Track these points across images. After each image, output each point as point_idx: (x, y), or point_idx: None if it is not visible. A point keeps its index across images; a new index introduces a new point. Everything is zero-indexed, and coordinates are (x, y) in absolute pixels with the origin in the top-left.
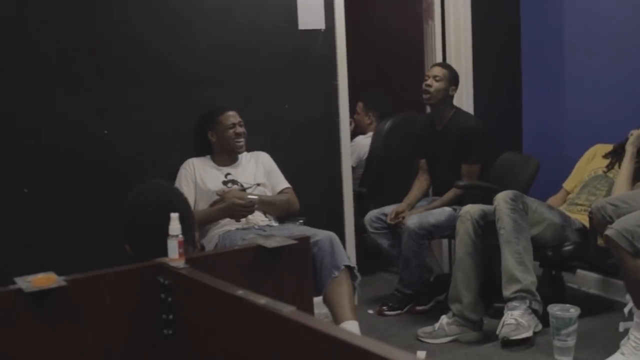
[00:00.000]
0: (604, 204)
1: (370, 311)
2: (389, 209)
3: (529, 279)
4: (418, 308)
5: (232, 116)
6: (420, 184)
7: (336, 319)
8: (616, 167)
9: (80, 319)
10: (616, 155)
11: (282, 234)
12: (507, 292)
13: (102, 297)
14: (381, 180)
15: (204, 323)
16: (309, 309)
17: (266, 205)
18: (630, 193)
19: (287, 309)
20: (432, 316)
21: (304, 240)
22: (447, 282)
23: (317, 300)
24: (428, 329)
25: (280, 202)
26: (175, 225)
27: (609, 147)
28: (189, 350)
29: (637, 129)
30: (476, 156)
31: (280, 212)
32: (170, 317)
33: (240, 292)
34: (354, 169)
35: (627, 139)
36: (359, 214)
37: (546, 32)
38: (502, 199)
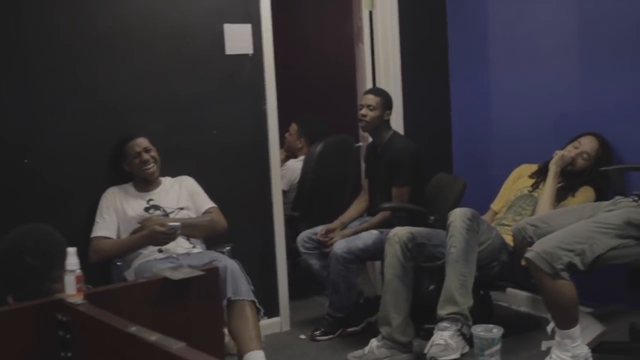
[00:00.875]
0: (524, 225)
1: (303, 336)
2: (321, 229)
3: (466, 304)
4: (349, 330)
5: (137, 144)
6: (359, 203)
7: (241, 350)
8: (541, 186)
9: None
10: (541, 175)
11: (193, 264)
12: (442, 311)
13: None
14: (313, 203)
15: None
16: (219, 339)
17: (189, 229)
18: (550, 213)
19: (177, 346)
20: (363, 338)
21: (213, 271)
22: (379, 304)
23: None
24: (358, 353)
25: (203, 223)
26: (72, 260)
27: (534, 167)
28: None
29: (561, 149)
30: (403, 179)
31: (205, 233)
32: (69, 354)
33: (132, 329)
34: (285, 193)
35: (551, 159)
36: (292, 238)
37: (473, 53)
38: (460, 216)
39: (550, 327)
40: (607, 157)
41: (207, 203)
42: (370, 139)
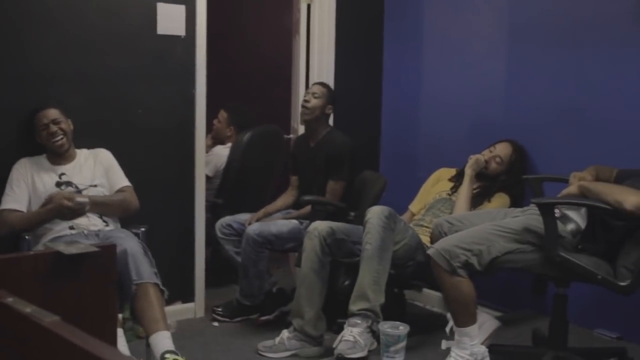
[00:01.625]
0: (441, 222)
1: (216, 323)
2: (243, 217)
3: (378, 300)
4: (262, 318)
5: (45, 116)
6: (286, 197)
7: (147, 332)
8: (459, 190)
9: None
10: (459, 179)
11: (90, 241)
12: (353, 307)
13: None
14: (237, 191)
15: None
16: (111, 320)
17: (100, 207)
18: (467, 214)
19: (50, 319)
20: (275, 328)
21: (109, 249)
22: (294, 295)
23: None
24: (268, 342)
25: (114, 202)
26: None
27: (453, 171)
28: None
29: (477, 154)
30: (342, 174)
31: (116, 212)
32: None
33: (9, 300)
34: (210, 179)
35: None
36: (213, 224)
37: (407, 54)
38: (377, 214)
39: (449, 327)
40: (520, 164)
41: (121, 181)
42: (299, 133)
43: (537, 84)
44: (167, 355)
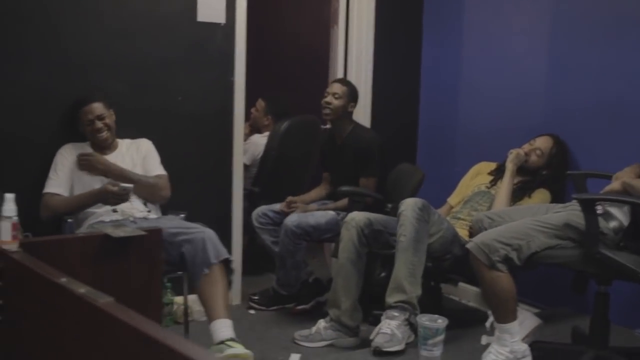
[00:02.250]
0: (482, 217)
1: (252, 311)
2: (278, 206)
3: (415, 292)
4: (298, 308)
5: (90, 111)
6: (320, 190)
7: (209, 317)
8: (498, 183)
9: None
10: (499, 173)
11: (142, 226)
12: (390, 299)
13: None
14: (274, 180)
15: (31, 310)
16: (156, 299)
17: (127, 180)
18: (507, 209)
19: (104, 300)
20: (311, 317)
21: (155, 233)
22: (330, 285)
23: None
24: (305, 332)
25: (145, 181)
26: (9, 207)
27: (493, 165)
28: (19, 337)
29: (517, 148)
30: (372, 170)
31: (146, 193)
32: (0, 302)
33: (63, 280)
34: (247, 167)
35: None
36: (250, 213)
37: (446, 48)
38: (410, 206)
39: (489, 322)
40: (561, 158)
41: (157, 169)
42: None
43: (579, 78)
44: (228, 343)
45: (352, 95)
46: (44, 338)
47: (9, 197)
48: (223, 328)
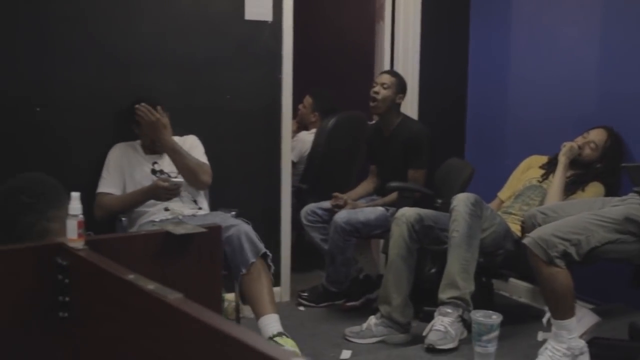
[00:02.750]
0: (535, 213)
1: (302, 308)
2: (327, 204)
3: (468, 288)
4: (348, 304)
5: None
6: (367, 184)
7: (256, 315)
8: (550, 177)
9: None
10: (551, 167)
11: (195, 222)
12: (443, 295)
13: None
14: (322, 177)
15: (98, 307)
16: (217, 297)
17: (177, 155)
18: (561, 203)
19: (173, 296)
20: (361, 314)
21: (215, 230)
22: (379, 282)
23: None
24: (355, 328)
25: (191, 160)
26: (75, 205)
27: (544, 159)
28: (84, 334)
29: (570, 142)
30: (422, 162)
31: (188, 171)
32: (67, 299)
33: (131, 277)
34: (295, 164)
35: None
36: (298, 209)
37: (493, 40)
38: (463, 201)
39: (546, 318)
40: (615, 151)
41: (201, 158)
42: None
43: (633, 66)
44: (276, 338)
45: (400, 86)
46: (110, 334)
47: (75, 195)
48: (272, 323)
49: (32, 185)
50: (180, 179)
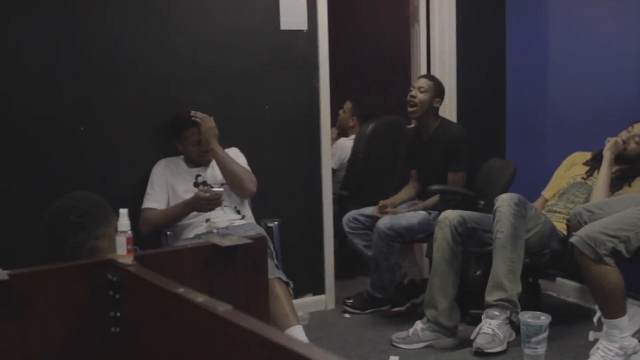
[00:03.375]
0: (580, 210)
1: (347, 315)
2: (368, 210)
3: (515, 289)
4: (394, 310)
5: (197, 133)
6: (408, 189)
7: (279, 328)
8: (595, 174)
9: (24, 314)
10: (595, 163)
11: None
12: (490, 297)
13: (47, 292)
14: (362, 183)
15: (148, 321)
16: (264, 308)
17: (224, 161)
18: (606, 200)
19: (223, 308)
20: (407, 319)
21: (261, 240)
22: (424, 286)
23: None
24: (402, 334)
25: (239, 166)
26: (124, 221)
27: (587, 155)
28: (135, 348)
29: (614, 137)
30: (461, 164)
31: (236, 177)
32: (118, 314)
33: (180, 290)
34: (335, 171)
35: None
36: (340, 216)
37: (531, 37)
38: (506, 201)
39: (596, 317)
40: None
41: (245, 167)
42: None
43: None
44: None
45: (438, 90)
46: (162, 348)
47: (123, 212)
48: (295, 336)
49: (79, 205)
50: (221, 189)
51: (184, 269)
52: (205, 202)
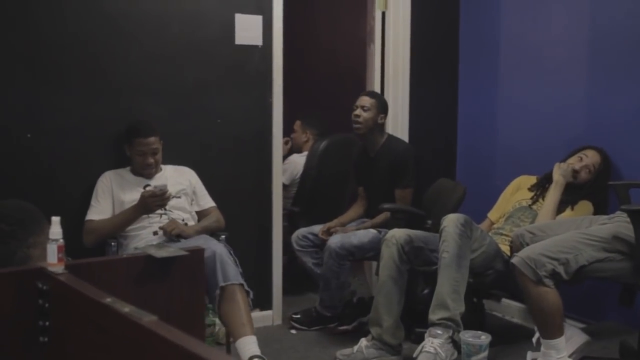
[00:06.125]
0: (523, 232)
1: (293, 331)
2: (317, 228)
3: (458, 309)
4: (340, 328)
5: (146, 144)
6: (357, 208)
7: (233, 336)
8: (540, 200)
9: None
10: (539, 188)
11: (177, 245)
12: (433, 316)
13: None
14: (314, 200)
15: (77, 331)
16: (199, 323)
17: (200, 232)
18: (549, 222)
19: (148, 319)
20: (354, 337)
21: (197, 252)
22: (372, 304)
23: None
24: (347, 351)
25: (213, 226)
26: (55, 229)
27: (533, 179)
28: (63, 358)
29: (561, 162)
30: (408, 181)
31: (209, 230)
32: (47, 324)
33: (108, 300)
34: (287, 187)
35: (551, 171)
36: (290, 232)
37: (483, 61)
38: (453, 222)
39: (535, 337)
40: (607, 172)
41: (208, 202)
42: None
43: (619, 88)
44: None
45: (381, 106)
46: (89, 358)
47: (55, 220)
48: (247, 345)
49: (10, 213)
50: (165, 184)
51: (117, 279)
52: (152, 200)
